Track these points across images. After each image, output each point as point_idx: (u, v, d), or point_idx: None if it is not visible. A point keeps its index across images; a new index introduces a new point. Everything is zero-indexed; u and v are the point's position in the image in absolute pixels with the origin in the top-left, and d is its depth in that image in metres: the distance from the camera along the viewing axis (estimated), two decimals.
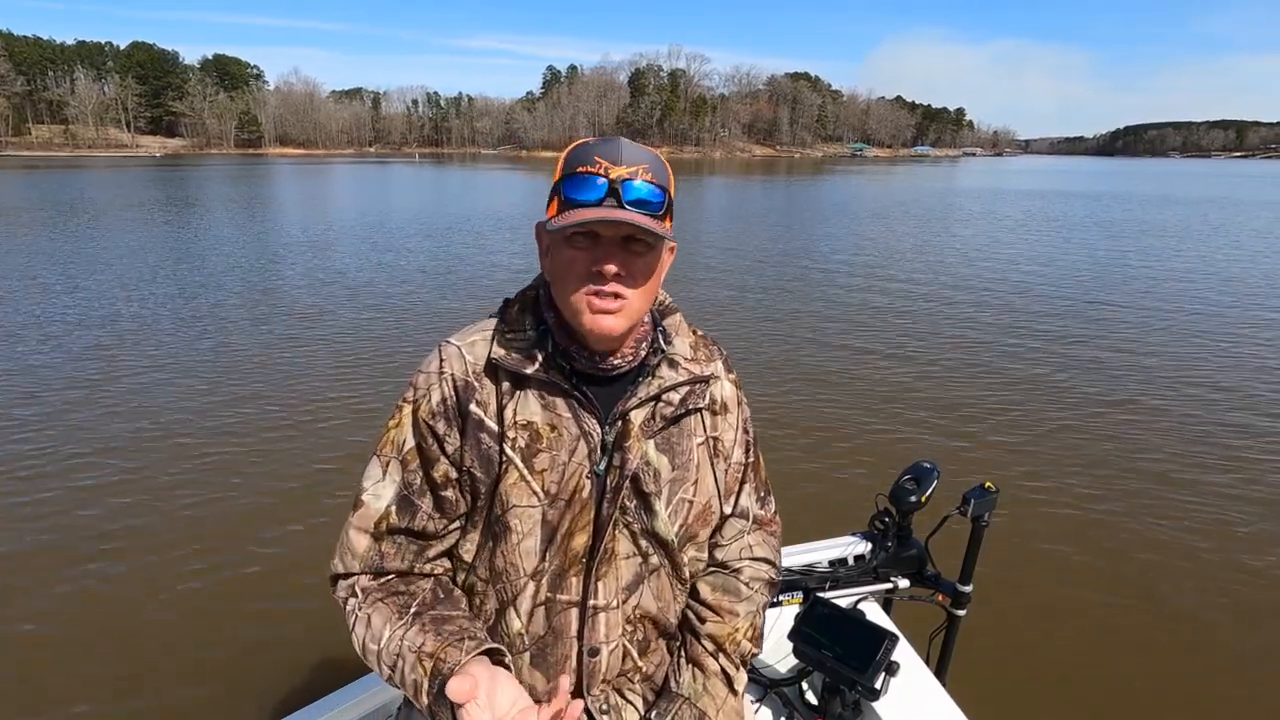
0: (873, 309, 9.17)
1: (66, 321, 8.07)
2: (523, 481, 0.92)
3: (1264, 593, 3.35)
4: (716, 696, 1.06)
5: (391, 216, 20.65)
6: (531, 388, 0.94)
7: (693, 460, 1.00)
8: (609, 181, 0.85)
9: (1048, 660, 2.89)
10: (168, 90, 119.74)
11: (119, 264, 11.86)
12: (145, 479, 4.41)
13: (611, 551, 0.96)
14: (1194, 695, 2.73)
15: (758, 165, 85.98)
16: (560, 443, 0.93)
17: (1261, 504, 4.17)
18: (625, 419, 0.95)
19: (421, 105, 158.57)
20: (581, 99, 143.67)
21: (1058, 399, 5.88)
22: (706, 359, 1.05)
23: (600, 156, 0.86)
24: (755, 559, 1.11)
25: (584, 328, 0.90)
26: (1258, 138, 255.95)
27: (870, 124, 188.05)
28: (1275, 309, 9.35)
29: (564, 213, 0.86)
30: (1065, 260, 13.30)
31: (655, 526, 0.98)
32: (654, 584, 1.01)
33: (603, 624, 0.98)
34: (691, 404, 1.00)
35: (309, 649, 2.94)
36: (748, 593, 1.09)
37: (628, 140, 0.90)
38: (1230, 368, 6.75)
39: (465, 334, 0.99)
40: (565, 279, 0.90)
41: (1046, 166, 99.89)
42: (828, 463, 4.70)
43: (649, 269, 0.91)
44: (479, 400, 0.93)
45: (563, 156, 0.91)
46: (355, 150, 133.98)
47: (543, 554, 0.94)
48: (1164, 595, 3.35)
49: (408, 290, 10.13)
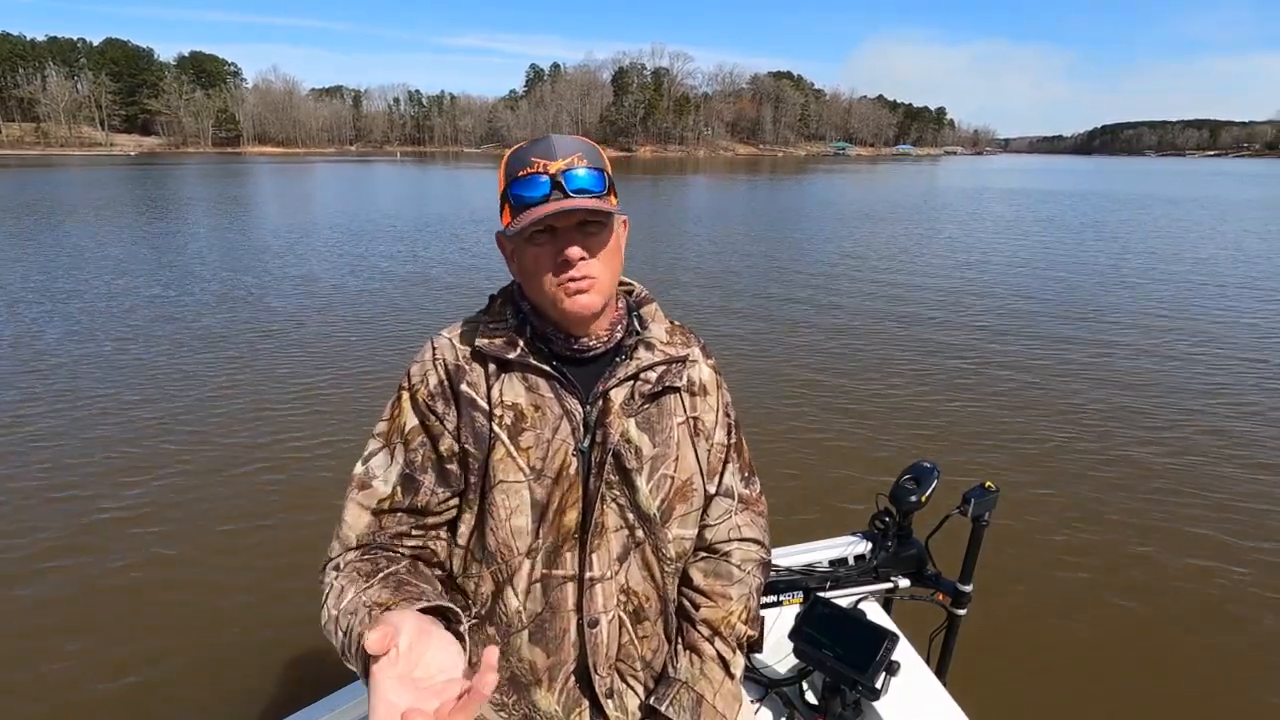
0: (872, 309, 9.19)
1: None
2: (509, 457, 0.97)
3: (1267, 592, 3.35)
4: (713, 680, 1.09)
5: (374, 217, 20.45)
6: (515, 371, 0.99)
7: (673, 438, 1.05)
8: (550, 176, 0.91)
9: (1048, 660, 2.89)
10: (143, 88, 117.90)
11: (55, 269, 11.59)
12: (143, 480, 4.36)
13: (602, 525, 1.00)
14: (1195, 695, 2.73)
15: (741, 164, 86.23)
16: (544, 421, 0.98)
17: (1266, 504, 4.17)
18: (605, 397, 1.00)
19: (403, 103, 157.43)
20: (565, 97, 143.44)
21: (1058, 398, 5.90)
22: (683, 343, 1.09)
23: (536, 156, 0.93)
24: (744, 539, 1.15)
25: (564, 313, 0.96)
26: (1230, 137, 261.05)
27: (853, 123, 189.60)
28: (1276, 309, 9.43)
29: (517, 215, 0.92)
30: (1063, 261, 13.34)
31: (637, 501, 1.02)
32: (638, 557, 1.05)
33: (599, 594, 1.01)
34: (669, 381, 1.04)
35: (309, 649, 2.92)
36: (739, 575, 1.13)
37: (556, 135, 0.96)
38: (1231, 367, 6.78)
39: (453, 328, 1.05)
40: (536, 275, 0.95)
41: (1027, 165, 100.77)
42: (828, 463, 4.70)
43: (606, 244, 0.97)
44: (470, 381, 0.99)
45: (502, 165, 0.97)
46: (336, 149, 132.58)
47: (535, 531, 0.98)
48: (1165, 594, 3.34)
49: (387, 295, 10.03)
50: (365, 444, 1.03)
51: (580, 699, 1.05)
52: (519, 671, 1.03)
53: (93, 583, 3.40)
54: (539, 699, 1.03)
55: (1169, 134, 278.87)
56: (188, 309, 8.73)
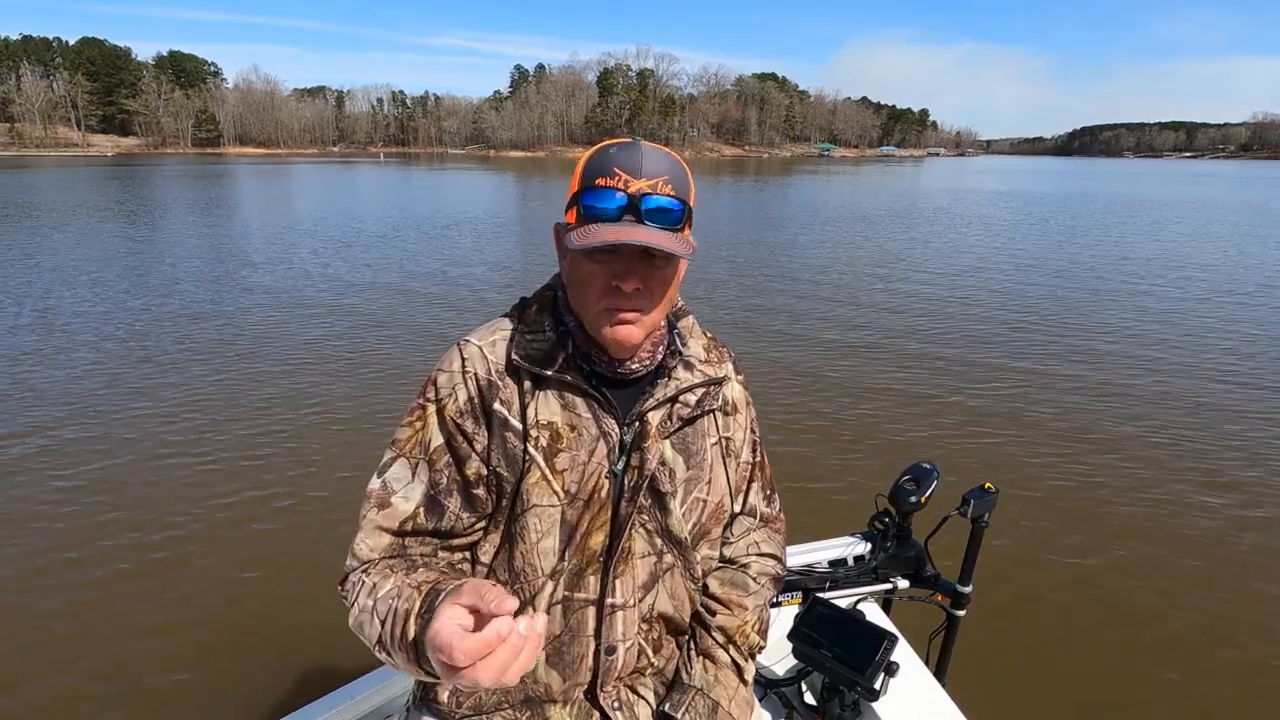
0: (870, 310, 9.20)
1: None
2: (544, 481, 0.92)
3: (1268, 591, 3.35)
4: (729, 687, 1.08)
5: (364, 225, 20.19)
6: (551, 388, 0.94)
7: (707, 460, 1.03)
8: (629, 196, 0.85)
9: (1048, 660, 2.89)
10: (120, 88, 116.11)
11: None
12: (145, 477, 4.37)
13: (628, 550, 0.97)
14: (1196, 695, 2.73)
15: (727, 165, 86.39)
16: (580, 443, 0.94)
17: (1269, 503, 4.18)
18: (643, 420, 0.97)
19: (387, 104, 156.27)
20: (550, 98, 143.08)
21: (1059, 399, 5.91)
22: (719, 360, 1.07)
23: (620, 168, 0.86)
24: (762, 554, 1.14)
25: (604, 337, 0.92)
26: (1206, 139, 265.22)
27: (837, 124, 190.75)
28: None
29: (583, 225, 0.86)
30: (1063, 262, 13.31)
31: (670, 525, 0.99)
32: (668, 583, 1.03)
33: (620, 622, 0.99)
34: (707, 405, 1.02)
35: (309, 649, 2.91)
36: (755, 587, 1.12)
37: (649, 146, 0.88)
38: (1235, 366, 6.81)
39: (484, 334, 0.98)
40: (585, 290, 0.91)
41: (1011, 166, 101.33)
42: (827, 463, 4.70)
43: (667, 281, 0.92)
44: (503, 399, 0.93)
45: (582, 162, 0.90)
46: (319, 150, 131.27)
47: (561, 554, 0.95)
48: (1166, 594, 3.34)
49: (380, 302, 9.92)
50: (381, 454, 0.97)
51: (591, 712, 1.04)
52: (534, 693, 1.02)
53: (88, 583, 3.38)
54: (551, 714, 1.03)
55: (1147, 136, 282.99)
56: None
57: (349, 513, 3.96)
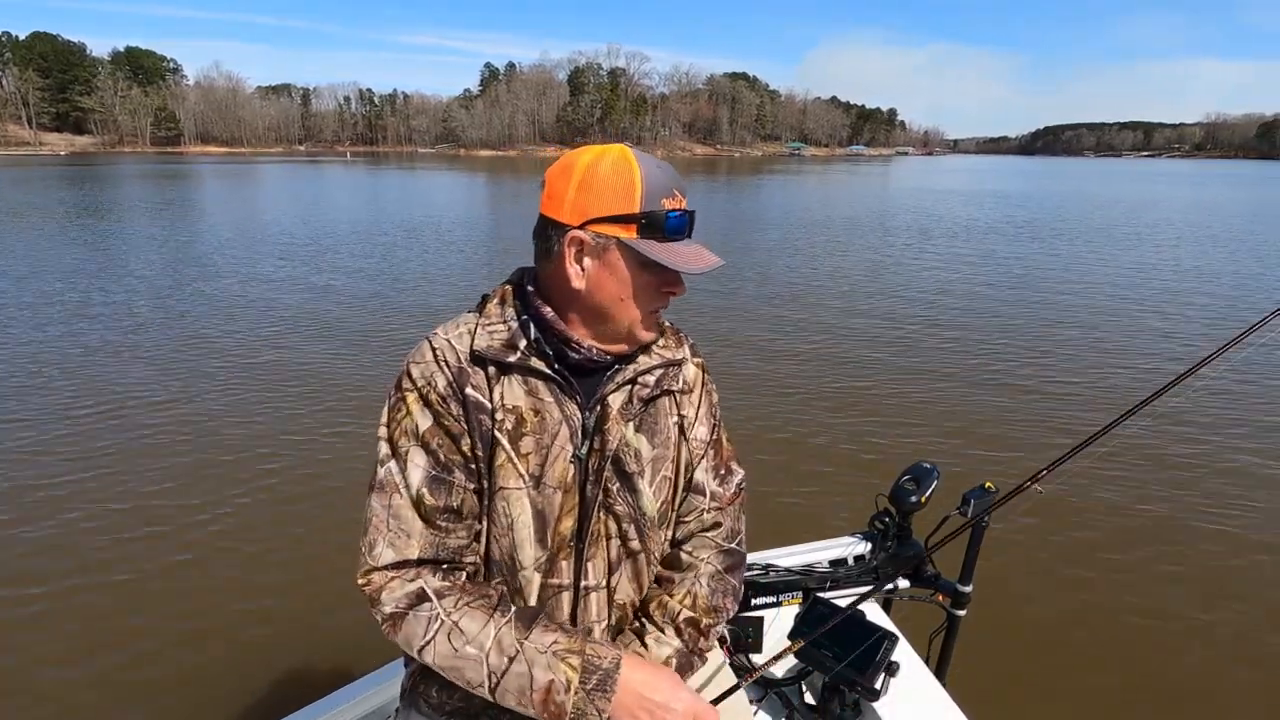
0: (870, 311, 9.22)
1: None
2: (509, 463, 0.96)
3: (1269, 591, 3.36)
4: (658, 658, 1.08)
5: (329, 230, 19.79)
6: (515, 374, 0.97)
7: (670, 439, 1.07)
8: (689, 215, 0.94)
9: (1048, 660, 2.90)
10: (74, 84, 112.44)
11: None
12: (143, 477, 4.37)
13: (597, 533, 1.01)
14: (1197, 695, 2.75)
15: (699, 164, 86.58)
16: (543, 426, 0.97)
17: (1272, 503, 4.19)
18: (604, 403, 1.00)
19: (354, 102, 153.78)
20: (520, 97, 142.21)
21: (1058, 398, 5.96)
22: (676, 345, 1.11)
23: (676, 189, 0.93)
24: (705, 529, 1.15)
25: (642, 338, 1.00)
26: (1163, 138, 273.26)
27: (807, 124, 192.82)
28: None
29: (664, 242, 0.92)
30: (1062, 263, 13.38)
31: (641, 504, 1.03)
32: (629, 567, 1.06)
33: (594, 604, 1.03)
34: (666, 385, 1.06)
35: (308, 649, 2.90)
36: (688, 560, 1.12)
37: (659, 160, 0.95)
38: (1237, 364, 6.83)
39: (448, 328, 1.01)
40: (628, 296, 0.95)
41: (978, 166, 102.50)
42: (827, 463, 4.70)
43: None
44: (474, 384, 0.96)
45: (635, 178, 0.91)
46: (284, 148, 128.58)
47: (536, 541, 0.98)
48: (1166, 593, 3.35)
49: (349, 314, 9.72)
50: (376, 449, 0.99)
51: None
52: None
53: (86, 585, 3.37)
54: None
55: (1107, 135, 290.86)
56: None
57: (346, 514, 3.85)
